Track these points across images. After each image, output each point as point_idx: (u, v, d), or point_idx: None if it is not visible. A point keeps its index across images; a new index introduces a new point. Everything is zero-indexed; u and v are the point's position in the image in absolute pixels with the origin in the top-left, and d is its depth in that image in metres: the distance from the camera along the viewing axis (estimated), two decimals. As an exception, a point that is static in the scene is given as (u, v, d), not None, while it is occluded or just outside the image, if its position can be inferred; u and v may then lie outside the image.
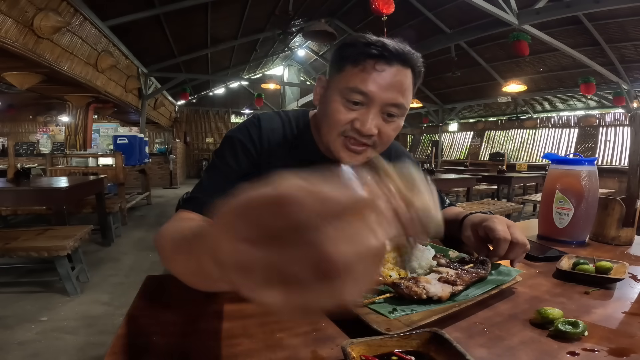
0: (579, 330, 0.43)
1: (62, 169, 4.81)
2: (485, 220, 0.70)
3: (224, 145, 0.78)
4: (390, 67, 0.66)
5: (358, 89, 0.66)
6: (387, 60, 0.66)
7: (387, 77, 0.66)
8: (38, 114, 10.83)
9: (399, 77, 0.67)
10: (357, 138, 0.69)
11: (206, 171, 0.76)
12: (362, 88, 0.65)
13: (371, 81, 0.65)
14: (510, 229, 0.66)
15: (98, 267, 2.98)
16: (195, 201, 0.68)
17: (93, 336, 1.90)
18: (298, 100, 12.25)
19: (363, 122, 0.67)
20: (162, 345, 0.40)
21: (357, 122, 0.68)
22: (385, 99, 0.66)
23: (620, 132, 8.16)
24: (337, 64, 0.70)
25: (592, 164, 0.92)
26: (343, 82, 0.67)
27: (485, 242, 0.71)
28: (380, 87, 0.66)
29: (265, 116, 0.81)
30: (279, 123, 0.81)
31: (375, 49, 0.65)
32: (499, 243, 0.65)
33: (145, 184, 6.53)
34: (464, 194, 5.35)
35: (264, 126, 0.78)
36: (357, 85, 0.66)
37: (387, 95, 0.66)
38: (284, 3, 6.35)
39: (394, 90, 0.67)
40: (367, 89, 0.65)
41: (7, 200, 2.93)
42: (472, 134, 11.55)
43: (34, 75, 4.65)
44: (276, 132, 0.80)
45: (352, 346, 0.36)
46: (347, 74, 0.67)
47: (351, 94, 0.66)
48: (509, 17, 4.83)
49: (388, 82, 0.66)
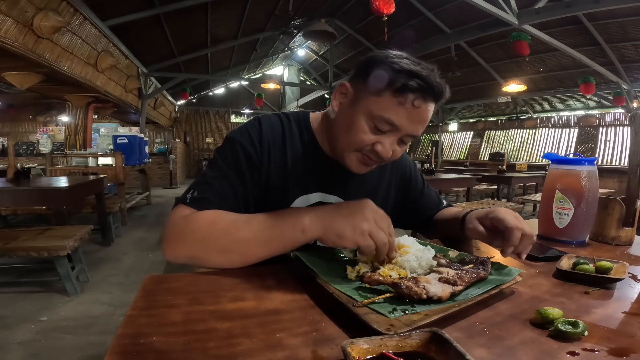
0: (579, 330, 0.43)
1: (62, 169, 4.81)
2: (492, 212, 0.71)
3: (226, 147, 0.78)
4: (425, 103, 0.67)
5: (390, 121, 0.67)
6: (425, 97, 0.67)
7: (420, 113, 0.68)
8: (38, 114, 10.83)
9: (428, 112, 0.69)
10: (374, 158, 0.72)
11: (211, 171, 0.75)
12: (395, 121, 0.67)
13: (405, 116, 0.67)
14: (518, 219, 0.68)
15: (98, 267, 2.98)
16: (206, 203, 0.70)
17: (93, 336, 1.90)
18: (298, 100, 12.25)
19: (384, 148, 0.70)
20: (162, 345, 0.40)
21: (378, 145, 0.70)
22: (410, 131, 0.69)
23: (620, 132, 8.16)
24: (372, 84, 0.68)
25: (592, 164, 0.92)
26: (377, 108, 0.67)
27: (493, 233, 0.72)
28: (411, 122, 0.68)
29: (266, 119, 0.81)
30: (279, 125, 0.81)
31: (418, 84, 0.65)
32: (512, 232, 0.65)
33: (145, 183, 6.53)
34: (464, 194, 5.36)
35: (265, 129, 0.79)
36: (391, 117, 0.67)
37: (413, 128, 0.69)
38: (284, 3, 6.35)
39: (421, 124, 0.70)
40: (399, 123, 0.67)
41: (7, 200, 2.93)
42: (472, 134, 11.55)
43: (33, 75, 4.65)
44: (277, 134, 0.80)
45: (352, 346, 0.36)
46: (383, 102, 0.67)
47: (382, 124, 0.68)
48: (509, 17, 4.84)
49: (419, 118, 0.68)
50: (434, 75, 0.67)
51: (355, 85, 0.72)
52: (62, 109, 8.00)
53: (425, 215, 0.99)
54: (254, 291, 0.56)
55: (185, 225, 0.66)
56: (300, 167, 0.80)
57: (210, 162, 0.78)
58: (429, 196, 1.01)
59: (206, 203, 0.70)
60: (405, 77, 0.65)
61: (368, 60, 0.71)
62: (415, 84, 0.65)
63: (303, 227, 0.62)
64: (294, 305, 0.52)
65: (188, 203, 0.70)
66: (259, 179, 0.77)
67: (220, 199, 0.71)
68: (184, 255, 0.66)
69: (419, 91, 0.65)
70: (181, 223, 0.67)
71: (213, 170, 0.75)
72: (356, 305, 0.47)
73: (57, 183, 3.05)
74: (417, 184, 1.00)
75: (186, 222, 0.66)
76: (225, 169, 0.74)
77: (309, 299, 0.54)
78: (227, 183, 0.73)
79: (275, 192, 0.78)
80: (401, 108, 0.66)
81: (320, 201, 0.82)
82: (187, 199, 0.71)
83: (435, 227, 0.96)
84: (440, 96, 0.69)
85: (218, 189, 0.72)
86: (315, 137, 0.82)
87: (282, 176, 0.78)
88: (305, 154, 0.81)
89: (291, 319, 0.47)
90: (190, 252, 0.66)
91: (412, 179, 0.99)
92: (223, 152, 0.77)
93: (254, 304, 0.52)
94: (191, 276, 0.62)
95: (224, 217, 0.67)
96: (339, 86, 0.75)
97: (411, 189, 0.99)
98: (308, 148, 0.81)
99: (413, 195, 0.99)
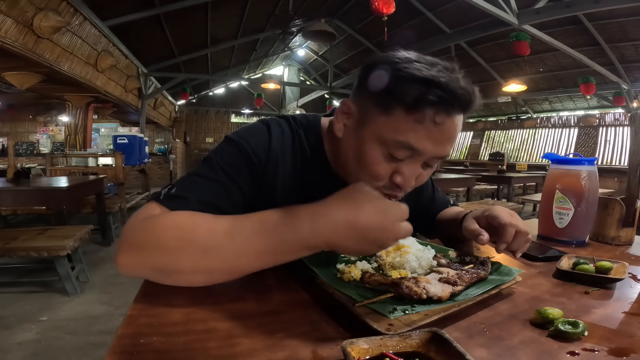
0: (579, 330, 0.43)
1: (62, 169, 4.81)
2: (487, 210, 0.70)
3: (225, 148, 0.65)
4: (450, 117, 0.53)
5: (409, 145, 0.53)
6: (449, 110, 0.52)
7: (446, 131, 0.53)
8: (38, 114, 10.83)
9: (455, 127, 0.54)
10: (396, 194, 0.59)
11: (201, 169, 0.63)
12: (415, 145, 0.53)
13: (426, 137, 0.53)
14: (513, 217, 0.66)
15: (98, 267, 2.98)
16: (182, 203, 0.56)
17: (93, 336, 1.90)
18: (298, 100, 12.24)
19: (404, 179, 0.56)
20: (162, 345, 0.40)
21: (397, 177, 0.57)
22: (435, 153, 0.55)
23: (620, 132, 8.16)
24: (378, 101, 0.55)
25: (592, 164, 0.92)
26: (389, 131, 0.54)
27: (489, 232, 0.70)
28: (435, 143, 0.54)
29: (276, 125, 0.69)
30: (289, 135, 0.69)
31: (438, 95, 0.50)
32: (505, 228, 0.64)
33: (145, 183, 6.53)
34: (464, 194, 5.35)
35: (275, 139, 0.67)
36: (409, 140, 0.53)
37: (439, 149, 0.55)
38: (284, 3, 6.35)
39: (449, 144, 0.55)
40: (420, 147, 0.53)
41: (7, 200, 2.92)
42: (472, 134, 11.55)
43: (33, 75, 4.65)
44: (287, 147, 0.68)
45: (352, 346, 0.36)
46: (395, 121, 0.53)
47: (398, 150, 0.54)
48: (509, 17, 4.83)
49: (444, 137, 0.54)
50: (456, 78, 0.52)
51: (360, 103, 0.59)
52: (62, 109, 7.99)
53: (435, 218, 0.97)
54: (254, 291, 0.56)
55: (148, 228, 0.52)
56: (307, 181, 0.69)
57: (203, 161, 0.65)
58: (439, 200, 0.98)
59: (182, 203, 0.56)
60: (419, 88, 0.51)
61: (370, 68, 0.57)
62: (433, 96, 0.50)
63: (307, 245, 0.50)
64: (294, 305, 0.52)
65: (160, 200, 0.57)
66: (259, 193, 0.65)
67: (202, 204, 0.56)
68: (141, 267, 0.52)
69: (440, 104, 0.51)
70: (143, 225, 0.53)
71: (204, 169, 0.62)
72: (356, 305, 0.47)
73: (57, 183, 3.05)
74: (427, 190, 0.96)
75: (149, 225, 0.52)
76: (219, 171, 0.61)
77: (309, 299, 0.54)
78: (217, 187, 0.60)
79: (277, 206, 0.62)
80: (420, 127, 0.52)
81: None
82: (160, 194, 0.58)
83: (436, 227, 0.95)
84: (469, 105, 0.54)
85: (203, 190, 0.59)
86: (324, 148, 0.71)
87: (288, 190, 0.68)
88: (313, 167, 0.70)
89: (291, 319, 0.47)
90: (151, 264, 0.51)
91: (423, 187, 0.93)
92: (220, 153, 0.64)
93: (254, 304, 0.51)
94: (191, 276, 0.62)
95: (200, 222, 0.52)
96: (340, 105, 0.63)
97: (423, 197, 0.95)
98: (316, 161, 0.70)
99: (424, 202, 0.96)
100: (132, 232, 0.53)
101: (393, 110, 0.53)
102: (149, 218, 0.54)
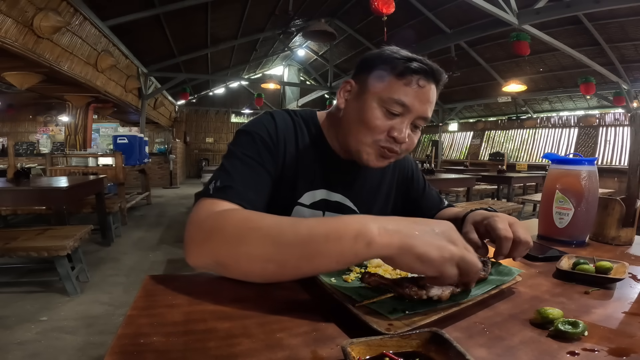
0: (579, 330, 0.43)
1: (62, 169, 4.82)
2: (487, 218, 0.68)
3: (242, 138, 0.75)
4: (429, 84, 0.72)
5: (401, 101, 0.70)
6: (427, 77, 0.71)
7: (426, 93, 0.72)
8: (38, 114, 10.84)
9: (433, 93, 0.73)
10: (392, 147, 0.73)
11: (229, 161, 0.70)
12: (405, 101, 0.70)
13: (414, 96, 0.71)
14: (513, 226, 0.65)
15: (98, 267, 2.99)
16: (231, 192, 0.64)
17: (93, 336, 1.90)
18: (298, 100, 12.25)
19: (400, 131, 0.72)
20: (162, 345, 0.40)
21: (394, 130, 0.72)
22: (420, 111, 0.72)
23: (620, 132, 8.17)
24: (376, 73, 0.72)
25: (592, 164, 0.92)
26: (385, 92, 0.71)
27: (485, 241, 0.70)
28: (420, 102, 0.71)
29: (278, 114, 0.82)
30: (290, 120, 0.82)
31: (419, 66, 0.70)
32: (502, 242, 0.64)
33: (145, 183, 6.54)
34: (464, 194, 5.36)
35: (280, 123, 0.79)
36: (401, 97, 0.70)
37: (423, 108, 0.72)
38: (284, 3, 6.35)
39: (428, 104, 0.73)
40: (410, 103, 0.71)
41: (7, 200, 2.93)
42: (472, 134, 11.56)
43: (33, 75, 4.65)
44: (289, 129, 0.80)
45: (352, 346, 0.36)
46: (390, 85, 0.71)
47: (393, 105, 0.71)
48: (509, 17, 4.84)
49: (426, 98, 0.72)
50: (428, 61, 0.73)
51: (359, 81, 0.76)
52: (62, 109, 8.00)
53: (426, 215, 0.99)
54: (254, 291, 0.56)
55: (213, 223, 0.57)
56: (309, 162, 0.81)
57: (226, 155, 0.73)
58: (430, 196, 1.01)
59: (232, 191, 0.64)
60: (406, 61, 0.70)
61: (366, 58, 0.76)
62: (415, 65, 0.70)
63: (369, 239, 0.46)
64: (294, 305, 0.52)
65: (211, 194, 0.64)
66: (275, 171, 0.76)
67: (246, 186, 0.66)
68: (209, 259, 0.55)
69: (421, 72, 0.70)
70: (207, 220, 0.58)
71: (231, 161, 0.71)
72: (356, 305, 0.47)
73: (57, 183, 3.05)
74: (418, 183, 1.01)
75: (214, 219, 0.58)
76: (245, 157, 0.71)
77: (309, 299, 0.54)
78: (251, 173, 0.70)
79: (285, 186, 0.79)
80: (408, 89, 0.70)
81: (324, 198, 0.83)
82: (209, 190, 0.64)
83: None
84: (440, 77, 0.73)
85: (242, 176, 0.68)
86: (323, 134, 0.84)
87: (294, 171, 0.79)
88: (314, 150, 0.82)
89: (291, 319, 0.47)
90: (217, 256, 0.55)
91: (413, 179, 1.00)
92: (240, 144, 0.74)
93: (254, 304, 0.51)
94: (191, 276, 0.62)
95: (262, 217, 0.56)
96: (343, 84, 0.78)
97: (413, 189, 0.99)
98: (316, 144, 0.83)
99: (415, 195, 1.00)
100: (200, 226, 0.58)
101: (387, 79, 0.71)
102: (211, 213, 0.59)
